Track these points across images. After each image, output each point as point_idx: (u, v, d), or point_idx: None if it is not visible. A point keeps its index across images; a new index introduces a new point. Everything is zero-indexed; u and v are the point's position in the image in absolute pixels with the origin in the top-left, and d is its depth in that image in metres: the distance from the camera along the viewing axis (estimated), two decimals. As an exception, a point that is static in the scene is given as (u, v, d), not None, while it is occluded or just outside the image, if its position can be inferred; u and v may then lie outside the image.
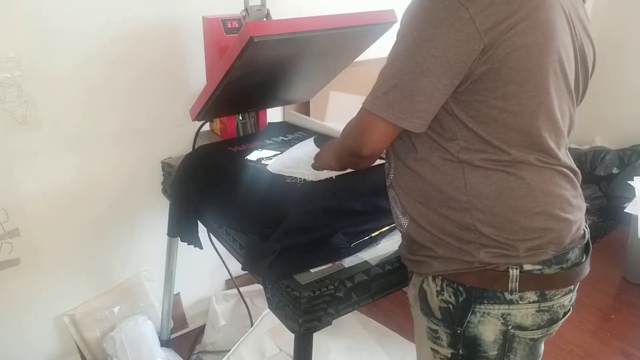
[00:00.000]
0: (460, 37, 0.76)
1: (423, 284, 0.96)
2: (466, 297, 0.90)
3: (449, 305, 0.92)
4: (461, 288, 0.90)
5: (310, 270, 1.03)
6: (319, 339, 1.07)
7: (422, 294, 0.97)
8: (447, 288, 0.91)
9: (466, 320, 0.90)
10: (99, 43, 1.47)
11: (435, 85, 0.80)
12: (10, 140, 1.41)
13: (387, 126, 0.85)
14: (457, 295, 0.90)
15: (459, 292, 0.90)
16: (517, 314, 0.89)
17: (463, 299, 0.90)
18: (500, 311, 0.88)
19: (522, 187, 0.86)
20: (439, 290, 0.93)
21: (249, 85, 1.38)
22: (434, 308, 0.94)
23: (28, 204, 1.51)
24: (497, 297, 0.88)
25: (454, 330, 0.92)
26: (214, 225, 1.32)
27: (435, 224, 0.91)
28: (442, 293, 0.92)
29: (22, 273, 1.56)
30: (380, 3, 1.50)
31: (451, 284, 0.91)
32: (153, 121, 1.66)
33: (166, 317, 1.86)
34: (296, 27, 1.18)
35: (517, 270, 0.86)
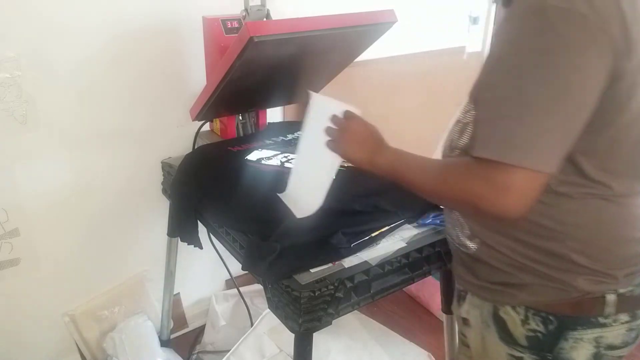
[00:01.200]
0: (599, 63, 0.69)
1: (499, 312, 0.91)
2: (557, 326, 0.86)
3: (537, 333, 0.87)
4: (551, 317, 0.86)
5: (310, 270, 1.03)
6: (319, 339, 1.07)
7: (499, 322, 0.91)
8: (534, 317, 0.87)
9: (557, 346, 0.87)
10: (99, 43, 1.47)
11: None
12: (10, 140, 1.41)
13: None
14: (547, 324, 0.86)
15: (548, 321, 0.86)
16: (609, 336, 0.86)
17: (554, 327, 0.86)
18: (593, 335, 0.86)
19: (621, 215, 0.83)
20: (523, 319, 0.88)
21: (249, 85, 1.38)
22: (519, 337, 0.89)
23: (28, 204, 1.51)
24: (590, 323, 0.85)
25: (544, 357, 0.89)
26: (214, 225, 1.32)
27: (517, 250, 0.85)
28: (528, 322, 0.88)
29: (22, 273, 1.56)
30: (380, 3, 1.50)
31: (538, 313, 0.86)
32: (153, 121, 1.66)
33: (166, 317, 1.86)
34: (296, 27, 1.18)
35: (614, 295, 0.83)
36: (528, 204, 0.71)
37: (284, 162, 1.40)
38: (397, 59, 2.24)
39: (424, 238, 1.16)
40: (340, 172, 1.33)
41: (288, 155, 1.45)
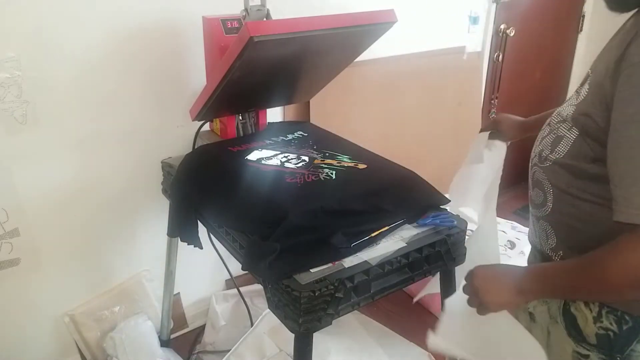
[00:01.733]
0: None
1: (570, 307, 0.91)
2: (632, 326, 0.84)
3: (608, 332, 0.86)
4: (627, 317, 0.84)
5: (310, 270, 1.03)
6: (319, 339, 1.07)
7: (569, 318, 0.91)
8: (608, 315, 0.86)
9: (629, 348, 0.85)
10: (99, 43, 1.47)
11: None
12: (10, 140, 1.41)
13: None
14: (621, 324, 0.85)
15: (623, 321, 0.85)
16: None
17: (628, 328, 0.85)
18: None
19: None
20: (595, 316, 0.87)
21: (249, 85, 1.38)
22: (588, 334, 0.89)
23: (28, 204, 1.51)
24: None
25: (613, 357, 0.87)
26: (214, 225, 1.32)
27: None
28: (601, 320, 0.87)
29: (22, 273, 1.56)
30: (380, 3, 1.50)
31: (614, 312, 0.85)
32: (153, 121, 1.66)
33: (166, 317, 1.86)
34: (296, 27, 1.18)
35: None
36: None
37: (284, 162, 1.40)
38: (397, 59, 2.24)
39: (424, 238, 1.16)
40: (340, 172, 1.34)
41: (288, 155, 1.45)
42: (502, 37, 2.64)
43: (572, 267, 0.81)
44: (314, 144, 1.54)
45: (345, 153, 1.46)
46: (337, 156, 1.44)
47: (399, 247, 1.12)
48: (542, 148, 0.93)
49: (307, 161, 1.41)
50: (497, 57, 2.68)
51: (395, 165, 1.41)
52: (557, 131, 0.89)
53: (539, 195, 0.94)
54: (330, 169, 1.35)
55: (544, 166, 0.91)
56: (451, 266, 1.24)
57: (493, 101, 2.79)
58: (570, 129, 0.86)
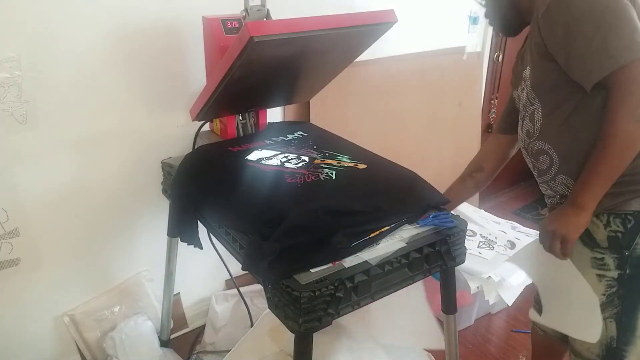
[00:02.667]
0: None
1: None
2: (635, 223, 1.06)
3: (617, 234, 1.08)
4: (629, 216, 1.06)
5: (310, 270, 1.03)
6: (319, 339, 1.07)
7: (585, 232, 1.09)
8: (615, 220, 1.08)
9: (634, 242, 1.07)
10: (99, 43, 1.47)
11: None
12: (10, 140, 1.41)
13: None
14: (626, 223, 1.07)
15: (627, 220, 1.07)
16: None
17: (632, 225, 1.06)
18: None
19: None
20: (605, 224, 1.09)
21: (249, 85, 1.39)
22: (601, 240, 1.10)
23: (28, 204, 1.51)
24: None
25: (622, 254, 1.08)
26: (214, 225, 1.32)
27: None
28: (610, 225, 1.09)
29: (22, 273, 1.56)
30: (380, 3, 1.50)
31: (619, 215, 1.07)
32: (153, 121, 1.66)
33: (166, 317, 1.86)
34: (296, 27, 1.18)
35: None
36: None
37: (284, 162, 1.40)
38: (397, 59, 2.24)
39: (424, 238, 1.16)
40: (340, 172, 1.34)
41: (288, 155, 1.45)
42: (502, 37, 2.64)
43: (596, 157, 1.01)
44: (314, 144, 1.54)
45: (345, 153, 1.46)
46: (337, 156, 1.44)
47: (399, 247, 1.12)
48: (526, 130, 1.20)
49: (307, 161, 1.41)
50: (497, 57, 2.68)
51: (395, 165, 1.41)
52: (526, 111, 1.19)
53: (544, 160, 1.18)
54: (330, 169, 1.35)
55: (535, 136, 1.17)
56: (451, 266, 1.24)
57: (493, 101, 2.79)
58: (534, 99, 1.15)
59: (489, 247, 2.10)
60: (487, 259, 2.01)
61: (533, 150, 1.21)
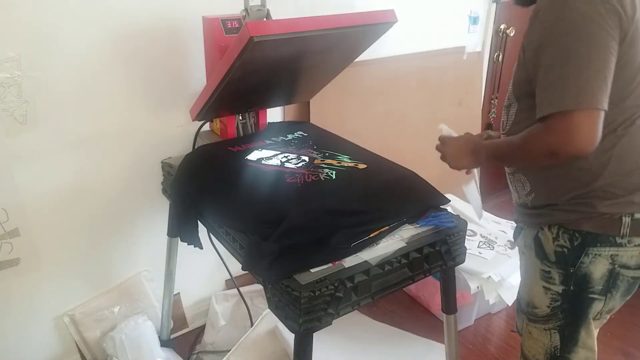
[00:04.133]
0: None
1: (538, 234, 1.12)
2: (581, 242, 1.05)
3: (564, 249, 1.07)
4: (577, 234, 1.05)
5: (310, 270, 1.03)
6: (319, 339, 1.07)
7: (537, 242, 1.13)
8: (563, 235, 1.07)
9: (579, 261, 1.06)
10: (99, 43, 1.47)
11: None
12: (10, 140, 1.41)
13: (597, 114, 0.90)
14: (573, 240, 1.06)
15: (574, 238, 1.06)
16: (624, 255, 1.04)
17: (578, 243, 1.05)
18: (609, 252, 1.04)
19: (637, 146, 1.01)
20: (554, 237, 1.09)
21: (249, 85, 1.39)
22: (549, 252, 1.10)
23: (28, 204, 1.51)
24: (608, 241, 1.03)
25: (567, 270, 1.08)
26: (214, 225, 1.32)
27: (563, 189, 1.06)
28: (558, 239, 1.08)
29: (22, 273, 1.56)
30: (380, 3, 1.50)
31: (567, 231, 1.06)
32: (153, 121, 1.66)
33: (166, 317, 1.86)
34: (296, 27, 1.18)
35: (629, 218, 1.01)
36: (595, 139, 0.89)
37: (284, 162, 1.40)
38: (397, 59, 2.24)
39: (424, 238, 1.16)
40: (340, 172, 1.34)
41: (288, 155, 1.45)
42: (502, 37, 2.64)
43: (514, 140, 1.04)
44: (314, 144, 1.54)
45: (345, 153, 1.46)
46: (337, 156, 1.44)
47: (399, 247, 1.12)
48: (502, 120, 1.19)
49: (307, 161, 1.41)
50: (497, 57, 2.68)
51: (395, 165, 1.41)
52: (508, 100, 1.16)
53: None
54: (330, 169, 1.35)
55: (505, 130, 1.16)
56: (451, 266, 1.24)
57: (493, 101, 2.79)
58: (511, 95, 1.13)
59: (489, 247, 2.10)
60: (487, 259, 2.01)
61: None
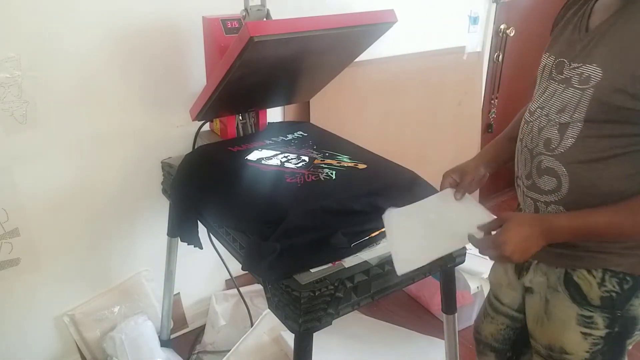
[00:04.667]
0: None
1: (572, 276, 0.99)
2: (632, 285, 0.94)
3: (612, 294, 0.95)
4: (629, 277, 0.94)
5: (310, 270, 1.03)
6: (319, 339, 1.07)
7: (573, 285, 0.99)
8: (611, 279, 0.95)
9: (629, 303, 0.95)
10: (99, 43, 1.47)
11: None
12: (10, 140, 1.41)
13: None
14: (622, 284, 0.95)
15: (624, 282, 0.94)
16: None
17: (629, 287, 0.94)
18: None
19: None
20: (599, 282, 0.96)
21: (249, 85, 1.39)
22: (593, 297, 0.97)
23: (28, 204, 1.51)
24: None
25: (614, 314, 0.97)
26: (214, 225, 1.32)
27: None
28: (605, 284, 0.96)
29: (22, 273, 1.56)
30: (380, 3, 1.50)
31: (616, 275, 0.94)
32: (153, 121, 1.66)
33: (166, 317, 1.86)
34: (296, 27, 1.18)
35: None
36: None
37: (284, 162, 1.40)
38: (397, 59, 2.24)
39: (424, 238, 1.16)
40: (340, 172, 1.34)
41: (288, 155, 1.45)
42: (502, 37, 2.64)
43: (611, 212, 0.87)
44: (314, 144, 1.54)
45: (345, 153, 1.46)
46: (337, 156, 1.44)
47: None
48: (545, 139, 0.96)
49: (307, 161, 1.41)
50: (497, 57, 2.68)
51: (395, 165, 1.41)
52: (559, 120, 0.93)
53: (549, 181, 0.97)
54: (330, 169, 1.35)
55: (556, 153, 0.94)
56: (451, 266, 1.24)
57: (493, 101, 2.79)
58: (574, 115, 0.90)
59: (489, 247, 2.10)
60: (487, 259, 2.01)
61: (542, 164, 0.97)
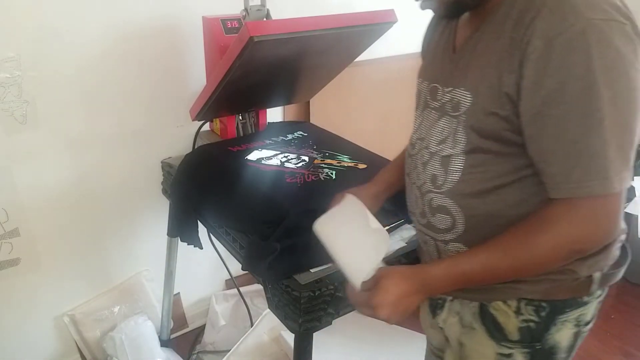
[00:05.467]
0: None
1: (488, 309, 0.90)
2: (549, 311, 0.86)
3: (529, 323, 0.87)
4: (544, 304, 0.85)
5: (310, 270, 1.03)
6: (319, 339, 1.07)
7: (489, 318, 0.90)
8: (527, 307, 0.86)
9: (547, 333, 0.87)
10: (99, 43, 1.47)
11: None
12: (10, 140, 1.41)
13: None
14: (539, 312, 0.86)
15: (541, 308, 0.86)
16: (588, 313, 0.88)
17: (546, 314, 0.86)
18: (575, 315, 0.87)
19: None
20: (515, 311, 0.87)
21: (249, 85, 1.38)
22: (511, 330, 0.88)
23: (28, 204, 1.51)
24: (576, 303, 0.86)
25: (534, 348, 0.88)
26: (214, 225, 1.32)
27: None
28: (521, 313, 0.87)
29: (22, 273, 1.56)
30: (380, 3, 1.50)
31: (531, 302, 0.86)
32: (153, 121, 1.66)
33: (166, 317, 1.86)
34: (296, 27, 1.18)
35: (599, 274, 0.85)
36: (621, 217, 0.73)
37: (284, 162, 1.40)
38: (397, 59, 2.23)
39: (424, 238, 1.16)
40: (340, 172, 1.34)
41: (288, 155, 1.45)
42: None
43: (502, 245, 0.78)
44: (314, 144, 1.54)
45: (345, 153, 1.46)
46: (337, 156, 1.44)
47: (399, 247, 1.12)
48: (431, 175, 0.88)
49: (307, 161, 1.41)
50: (497, 57, 2.68)
51: (395, 165, 1.41)
52: (440, 153, 0.86)
53: (444, 220, 0.87)
54: (330, 169, 1.35)
55: (444, 190, 0.86)
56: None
57: (493, 101, 2.78)
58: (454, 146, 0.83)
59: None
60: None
61: (433, 202, 0.88)
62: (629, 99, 0.68)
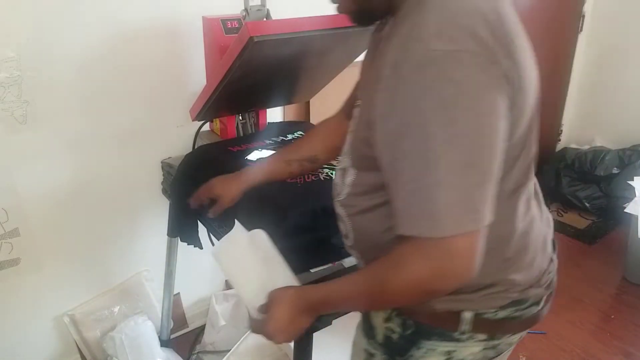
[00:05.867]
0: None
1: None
2: (414, 331, 0.85)
3: (393, 334, 0.87)
4: (410, 322, 0.85)
5: (310, 270, 1.03)
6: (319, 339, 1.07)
7: (365, 316, 0.93)
8: (396, 318, 0.86)
9: (409, 353, 0.85)
10: (99, 43, 1.47)
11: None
12: (10, 140, 1.41)
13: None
14: (405, 328, 0.85)
15: (407, 325, 0.85)
16: (462, 352, 0.84)
17: (410, 332, 0.85)
18: (446, 348, 0.84)
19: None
20: (386, 317, 0.88)
21: (249, 85, 1.39)
22: (378, 332, 0.89)
23: (28, 204, 1.51)
24: (445, 335, 0.83)
25: (393, 359, 0.88)
26: (214, 225, 1.32)
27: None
28: (390, 320, 0.87)
29: (22, 273, 1.56)
30: (380, 3, 1.50)
31: (400, 316, 0.85)
32: (153, 121, 1.66)
33: (166, 317, 1.86)
34: (296, 27, 1.18)
35: (470, 314, 0.81)
36: (477, 258, 0.67)
37: (284, 162, 1.40)
38: (397, 59, 2.23)
39: (424, 238, 1.16)
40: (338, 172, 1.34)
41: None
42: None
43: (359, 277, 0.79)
44: (314, 144, 1.53)
45: (345, 153, 1.46)
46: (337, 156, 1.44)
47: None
48: (334, 183, 0.91)
49: (307, 161, 1.40)
50: (496, 57, 2.68)
51: (395, 165, 1.40)
52: (341, 164, 0.89)
53: (343, 227, 0.91)
54: (331, 168, 1.35)
55: (339, 199, 0.89)
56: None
57: (493, 101, 2.78)
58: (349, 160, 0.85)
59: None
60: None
61: (336, 209, 0.92)
62: (475, 136, 0.63)
